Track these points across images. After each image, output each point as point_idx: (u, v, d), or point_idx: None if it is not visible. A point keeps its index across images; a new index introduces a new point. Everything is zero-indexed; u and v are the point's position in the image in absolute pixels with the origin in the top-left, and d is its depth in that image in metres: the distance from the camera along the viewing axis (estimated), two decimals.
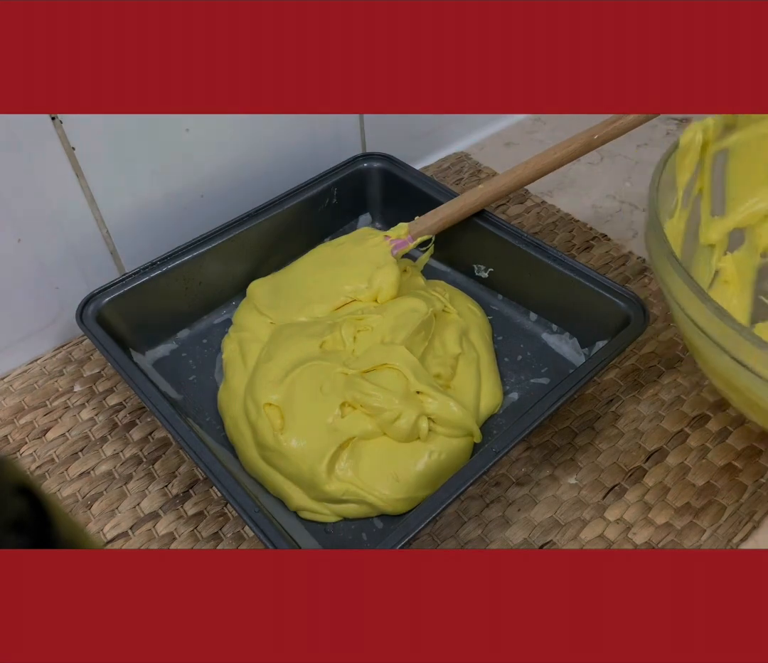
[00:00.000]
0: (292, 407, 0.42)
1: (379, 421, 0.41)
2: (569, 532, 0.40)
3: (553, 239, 0.59)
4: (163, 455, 0.45)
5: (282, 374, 0.43)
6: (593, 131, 0.48)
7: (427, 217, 0.50)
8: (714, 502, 0.41)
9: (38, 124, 0.45)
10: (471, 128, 0.71)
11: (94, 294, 0.46)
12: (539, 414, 0.38)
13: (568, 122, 0.72)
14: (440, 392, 0.42)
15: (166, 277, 0.49)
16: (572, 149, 0.48)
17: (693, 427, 0.44)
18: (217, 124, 0.53)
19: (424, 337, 0.45)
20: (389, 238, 0.50)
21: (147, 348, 0.49)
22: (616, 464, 0.43)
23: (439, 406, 0.41)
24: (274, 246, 0.54)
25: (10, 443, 0.46)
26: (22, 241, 0.47)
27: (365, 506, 0.40)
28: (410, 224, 0.50)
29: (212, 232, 0.51)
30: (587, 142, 0.48)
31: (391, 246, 0.49)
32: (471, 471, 0.36)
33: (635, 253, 0.57)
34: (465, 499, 0.42)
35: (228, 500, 0.35)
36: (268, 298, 0.50)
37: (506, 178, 0.50)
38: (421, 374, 0.42)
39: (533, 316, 0.51)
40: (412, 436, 0.41)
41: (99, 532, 0.41)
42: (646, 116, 0.47)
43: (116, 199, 0.51)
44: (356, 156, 0.58)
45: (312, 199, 0.55)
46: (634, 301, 0.44)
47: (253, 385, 0.43)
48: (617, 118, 0.47)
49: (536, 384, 0.47)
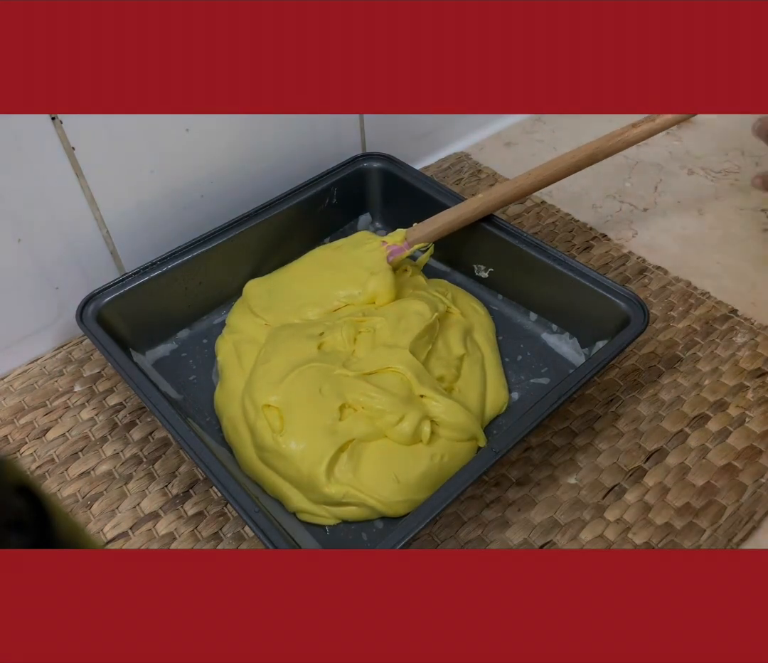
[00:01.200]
0: (291, 409, 0.41)
1: (381, 424, 0.41)
2: (569, 532, 0.40)
3: (553, 239, 0.59)
4: (163, 455, 0.45)
5: (281, 375, 0.43)
6: (598, 144, 0.47)
7: (424, 225, 0.50)
8: (714, 502, 0.41)
9: (38, 124, 0.45)
10: (471, 128, 0.71)
11: (94, 294, 0.46)
12: (539, 414, 0.38)
13: (568, 122, 0.72)
14: (444, 396, 0.42)
15: (166, 277, 0.49)
16: (576, 161, 0.48)
17: (693, 427, 0.44)
18: (217, 124, 0.53)
19: (428, 340, 0.45)
20: (386, 244, 0.50)
21: (147, 348, 0.49)
22: (616, 464, 0.43)
23: (443, 409, 0.41)
24: (274, 246, 0.54)
25: (10, 443, 0.46)
26: (22, 241, 0.47)
27: (365, 509, 0.40)
28: (408, 231, 0.50)
29: (212, 232, 0.51)
30: (592, 154, 0.47)
31: (387, 252, 0.49)
32: (470, 471, 0.36)
33: (635, 253, 0.57)
34: (465, 499, 0.42)
35: (228, 500, 0.35)
36: (262, 299, 0.50)
37: (506, 187, 0.49)
38: (424, 378, 0.42)
39: (533, 316, 0.51)
40: (415, 439, 0.41)
41: (99, 532, 0.41)
42: (650, 130, 0.47)
43: (116, 199, 0.51)
44: (356, 156, 0.58)
45: (312, 199, 0.55)
46: (634, 301, 0.44)
47: (251, 386, 0.43)
48: (623, 131, 0.47)
49: (536, 384, 0.47)
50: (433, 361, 0.45)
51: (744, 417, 0.45)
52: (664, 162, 0.66)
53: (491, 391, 0.45)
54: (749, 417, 0.45)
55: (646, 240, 0.58)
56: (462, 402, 0.43)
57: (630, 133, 0.46)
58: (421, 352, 0.44)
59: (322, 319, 0.47)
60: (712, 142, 0.68)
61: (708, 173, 0.65)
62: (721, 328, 0.50)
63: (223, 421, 0.45)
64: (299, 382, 0.42)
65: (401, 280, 0.50)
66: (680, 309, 0.52)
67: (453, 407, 0.41)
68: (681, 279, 0.54)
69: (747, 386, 0.46)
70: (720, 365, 0.48)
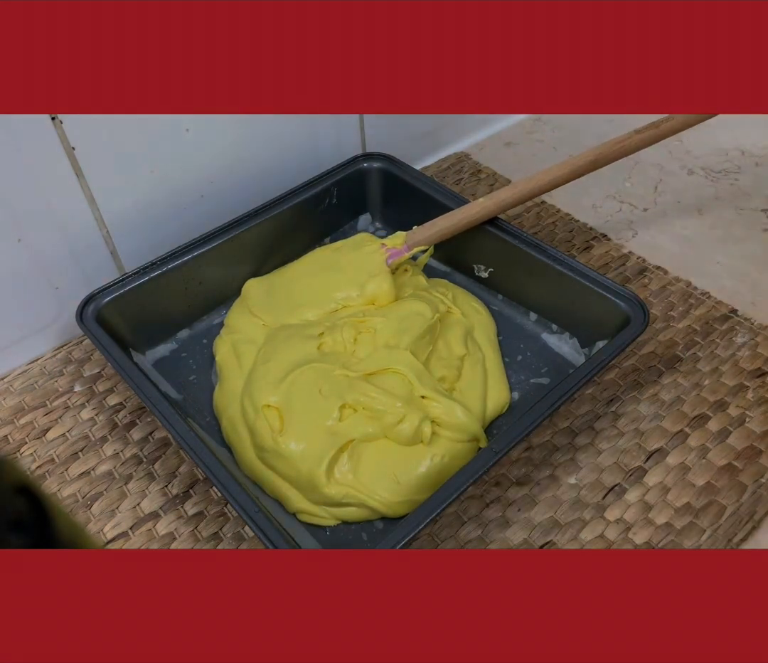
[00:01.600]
0: (290, 409, 0.41)
1: (382, 425, 0.41)
2: (569, 532, 0.40)
3: (553, 239, 0.59)
4: (163, 455, 0.45)
5: (281, 376, 0.43)
6: (600, 150, 0.47)
7: (424, 228, 0.50)
8: (714, 502, 0.41)
9: (38, 124, 0.45)
10: (471, 128, 0.71)
11: (94, 294, 0.46)
12: (539, 414, 0.38)
13: (568, 122, 0.72)
14: (445, 396, 0.42)
15: (166, 277, 0.49)
16: (577, 167, 0.48)
17: (693, 427, 0.44)
18: (217, 124, 0.53)
19: (429, 341, 0.45)
20: (385, 246, 0.50)
21: (147, 348, 0.49)
22: (616, 464, 0.43)
23: (444, 410, 0.41)
24: (274, 246, 0.54)
25: (10, 443, 0.46)
26: (22, 241, 0.47)
27: (365, 510, 0.40)
28: (408, 234, 0.50)
29: (212, 232, 0.51)
30: (594, 160, 0.47)
31: (386, 255, 0.49)
32: (470, 471, 0.36)
33: (635, 253, 0.57)
34: (465, 499, 0.42)
35: (228, 500, 0.35)
36: (261, 299, 0.50)
37: (507, 192, 0.49)
38: (425, 379, 0.42)
39: (533, 316, 0.51)
40: (415, 440, 0.41)
41: (99, 532, 0.41)
42: (653, 137, 0.46)
43: (116, 199, 0.51)
44: (356, 156, 0.58)
45: (312, 199, 0.55)
46: (634, 301, 0.44)
47: (251, 386, 0.43)
48: (625, 138, 0.47)
49: (536, 384, 0.47)
50: (433, 362, 0.45)
51: (744, 417, 0.45)
52: (664, 162, 0.66)
53: (493, 391, 0.45)
54: (749, 417, 0.45)
55: (646, 240, 0.58)
56: (463, 403, 0.43)
57: (632, 140, 0.46)
58: (422, 352, 0.44)
59: (321, 320, 0.47)
60: (712, 142, 0.68)
61: (708, 173, 0.65)
62: (721, 328, 0.50)
63: (222, 421, 0.45)
64: (299, 383, 0.42)
65: (401, 280, 0.50)
66: (680, 309, 0.52)
67: (454, 408, 0.41)
68: (681, 279, 0.54)
69: (747, 386, 0.46)
70: (720, 365, 0.48)
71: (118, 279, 0.48)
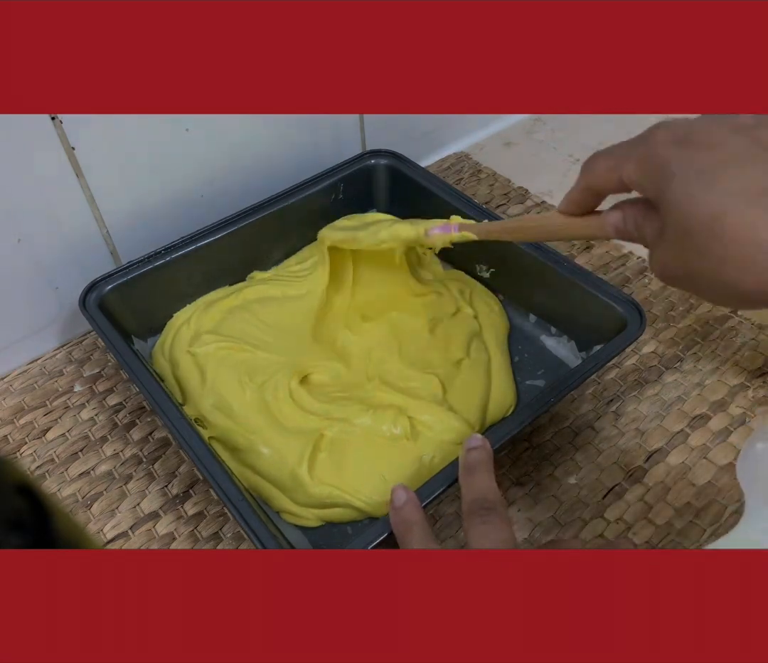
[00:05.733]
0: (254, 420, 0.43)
1: (347, 414, 0.42)
2: (569, 532, 0.40)
3: None
4: (163, 455, 0.45)
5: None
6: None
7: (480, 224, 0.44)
8: (714, 501, 0.41)
9: (38, 124, 0.45)
10: (471, 128, 0.71)
11: (97, 282, 0.47)
12: (525, 418, 0.38)
13: (568, 122, 0.72)
14: (437, 405, 0.43)
15: (169, 266, 0.49)
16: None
17: (693, 427, 0.44)
18: (217, 124, 0.53)
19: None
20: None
21: (149, 335, 0.50)
22: (616, 464, 0.43)
23: (436, 420, 0.42)
24: (279, 239, 0.54)
25: (10, 443, 0.46)
26: (21, 241, 0.47)
27: (350, 510, 0.40)
28: (465, 222, 0.43)
29: (215, 224, 0.51)
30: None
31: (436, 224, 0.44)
32: (455, 469, 0.36)
33: (635, 253, 0.57)
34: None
35: (217, 494, 0.35)
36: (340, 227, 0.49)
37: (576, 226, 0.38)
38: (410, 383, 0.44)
39: (533, 318, 0.51)
40: (387, 433, 0.41)
41: (99, 532, 0.41)
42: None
43: (116, 198, 0.51)
44: (363, 153, 0.58)
45: (318, 194, 0.55)
46: (631, 305, 0.44)
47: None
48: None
49: (531, 386, 0.47)
50: (430, 357, 0.45)
51: (745, 416, 0.45)
52: None
53: (497, 393, 0.45)
54: (750, 416, 0.45)
55: None
56: (457, 406, 0.43)
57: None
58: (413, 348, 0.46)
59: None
60: None
61: None
62: (721, 328, 0.50)
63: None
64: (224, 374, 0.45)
65: (427, 259, 0.51)
66: (680, 309, 0.52)
67: (447, 418, 0.42)
68: None
69: (747, 386, 0.46)
70: (720, 365, 0.48)
71: (122, 267, 0.48)
